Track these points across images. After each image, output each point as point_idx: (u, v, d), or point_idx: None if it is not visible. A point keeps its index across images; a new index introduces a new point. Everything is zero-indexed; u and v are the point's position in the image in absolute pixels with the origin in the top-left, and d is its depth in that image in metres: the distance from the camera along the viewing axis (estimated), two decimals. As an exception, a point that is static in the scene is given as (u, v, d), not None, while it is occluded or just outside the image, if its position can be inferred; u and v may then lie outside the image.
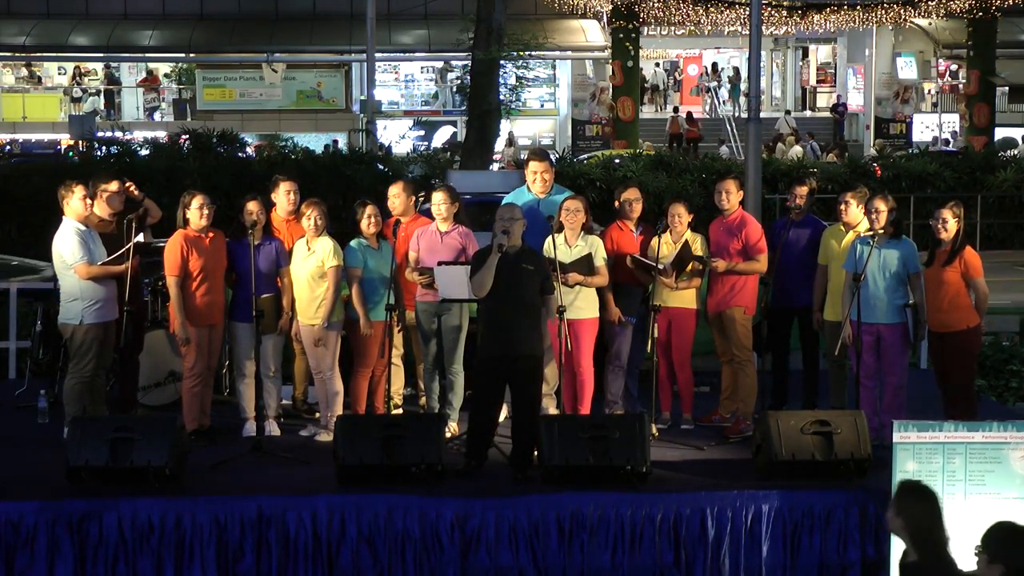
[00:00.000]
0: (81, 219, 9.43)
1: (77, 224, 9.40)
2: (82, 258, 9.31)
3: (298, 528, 8.15)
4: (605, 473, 8.41)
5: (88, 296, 9.34)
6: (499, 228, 8.90)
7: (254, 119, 38.19)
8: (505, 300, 8.81)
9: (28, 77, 41.14)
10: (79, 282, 9.34)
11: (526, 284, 8.88)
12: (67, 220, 9.44)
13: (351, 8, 37.23)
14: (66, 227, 9.42)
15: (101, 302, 9.38)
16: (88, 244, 9.37)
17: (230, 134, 24.02)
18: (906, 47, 41.82)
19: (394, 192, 10.24)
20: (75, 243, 9.33)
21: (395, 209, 10.22)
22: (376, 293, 9.64)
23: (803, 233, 10.27)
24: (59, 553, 8.04)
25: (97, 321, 9.37)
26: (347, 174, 21.74)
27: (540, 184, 10.15)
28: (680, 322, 10.01)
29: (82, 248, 9.33)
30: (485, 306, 8.99)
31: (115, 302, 9.47)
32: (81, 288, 9.35)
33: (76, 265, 9.31)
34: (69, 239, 9.36)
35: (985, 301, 9.50)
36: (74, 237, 9.35)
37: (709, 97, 44.44)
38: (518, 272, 8.85)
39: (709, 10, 35.15)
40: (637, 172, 23.03)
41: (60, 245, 9.40)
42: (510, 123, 35.94)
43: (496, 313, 8.86)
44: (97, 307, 9.37)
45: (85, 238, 9.38)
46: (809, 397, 10.32)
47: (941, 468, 7.70)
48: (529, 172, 10.22)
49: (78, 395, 9.39)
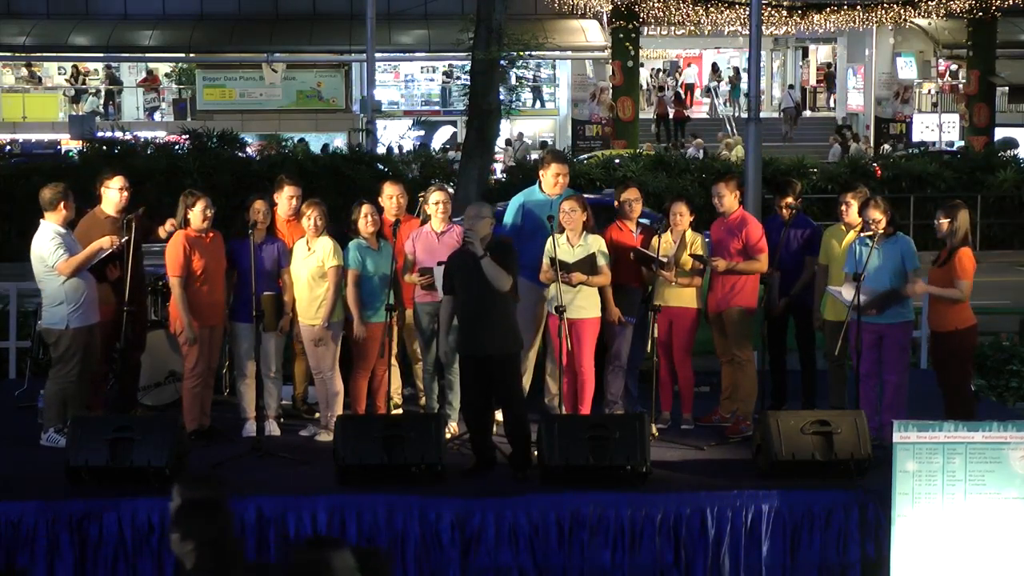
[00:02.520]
0: (62, 223, 9.32)
1: (56, 227, 9.30)
2: (62, 255, 9.21)
3: (298, 528, 8.15)
4: (605, 473, 8.41)
5: (72, 299, 9.25)
6: (465, 226, 8.93)
7: (254, 119, 38.16)
8: (474, 298, 8.82)
9: (28, 77, 41.12)
10: (62, 285, 9.24)
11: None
12: (45, 223, 9.33)
13: (351, 8, 37.22)
14: (44, 230, 9.32)
15: (85, 305, 9.29)
16: (67, 243, 9.27)
17: (230, 134, 24.04)
18: (906, 47, 41.78)
19: (393, 193, 10.18)
20: (55, 242, 9.22)
21: (392, 211, 10.16)
22: (376, 293, 9.63)
23: (797, 233, 10.27)
24: (59, 553, 8.04)
25: (82, 324, 9.30)
26: (347, 174, 21.75)
27: (560, 187, 10.11)
28: (680, 322, 10.01)
29: (62, 246, 9.22)
30: (457, 305, 8.98)
31: (97, 304, 9.39)
32: (65, 291, 9.25)
33: (58, 263, 9.20)
34: (47, 240, 9.25)
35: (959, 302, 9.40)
36: (53, 237, 9.24)
37: (709, 97, 44.45)
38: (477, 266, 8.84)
39: (709, 10, 35.13)
40: (637, 172, 23.03)
41: (39, 247, 9.29)
42: (510, 123, 35.94)
43: (467, 312, 8.87)
44: (81, 311, 9.28)
45: (64, 238, 9.28)
46: (808, 397, 10.32)
47: (941, 468, 7.70)
48: (550, 174, 10.10)
49: (60, 402, 9.30)
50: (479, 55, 16.90)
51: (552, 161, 10.24)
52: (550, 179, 10.09)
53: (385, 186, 10.37)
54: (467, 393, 9.00)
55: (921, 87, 42.11)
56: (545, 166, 10.23)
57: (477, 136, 17.72)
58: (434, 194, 9.91)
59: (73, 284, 9.26)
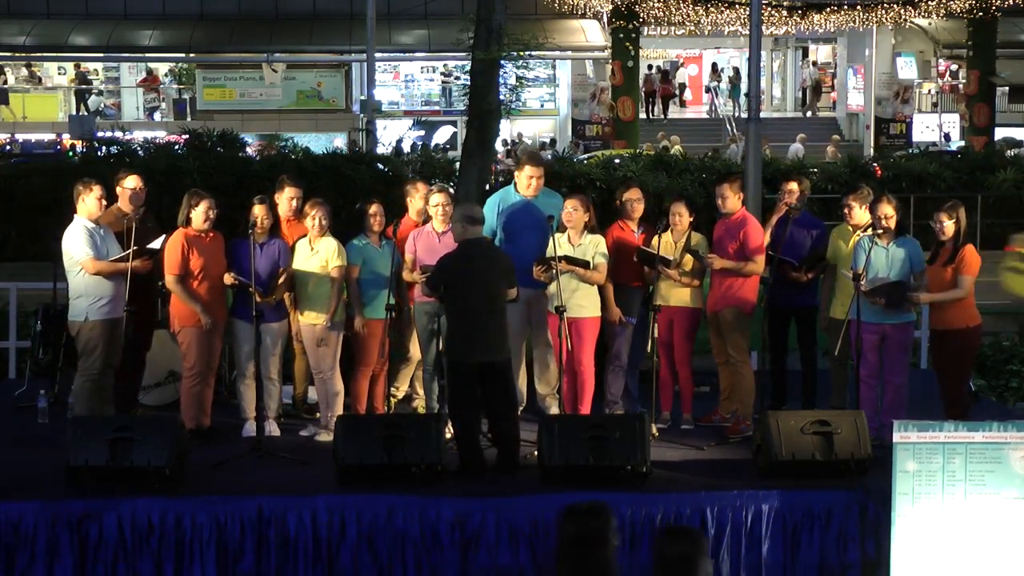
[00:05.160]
0: (93, 218, 9.46)
1: (87, 222, 9.44)
2: (89, 254, 9.32)
3: (298, 528, 8.15)
4: (605, 473, 8.41)
5: (93, 293, 9.37)
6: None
7: (254, 119, 38.13)
8: (470, 303, 8.80)
9: (28, 77, 41.12)
10: (85, 279, 9.38)
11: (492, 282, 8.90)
12: (78, 218, 9.49)
13: (351, 8, 37.19)
14: (76, 225, 9.47)
15: (107, 299, 9.41)
16: (96, 240, 9.42)
17: (230, 134, 24.01)
18: (906, 47, 41.77)
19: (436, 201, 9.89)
20: (83, 239, 9.37)
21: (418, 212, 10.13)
22: (377, 292, 9.63)
23: (803, 232, 10.27)
24: (59, 553, 8.04)
25: (103, 318, 9.40)
26: (347, 174, 21.74)
27: (533, 188, 10.17)
28: (681, 322, 10.01)
29: (90, 244, 9.37)
30: (449, 307, 8.97)
31: (122, 300, 9.48)
32: (87, 285, 9.38)
33: (83, 260, 9.33)
34: (77, 236, 9.40)
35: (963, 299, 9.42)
36: (83, 234, 9.39)
37: (710, 97, 44.47)
38: (482, 269, 8.86)
39: (709, 10, 35.10)
40: (637, 172, 23.01)
41: (68, 242, 9.44)
42: (510, 123, 35.93)
43: (463, 316, 8.83)
44: (102, 304, 9.39)
45: (94, 235, 9.43)
46: (808, 397, 10.31)
47: (941, 468, 7.70)
48: (524, 176, 10.20)
49: (88, 394, 9.41)
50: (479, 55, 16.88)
51: (526, 163, 10.33)
52: (524, 180, 10.19)
53: (418, 190, 10.32)
54: (458, 397, 8.94)
55: (921, 87, 42.11)
56: (520, 168, 10.35)
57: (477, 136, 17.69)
58: (435, 195, 9.91)
59: (95, 279, 9.38)
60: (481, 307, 8.79)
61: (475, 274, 8.82)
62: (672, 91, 41.59)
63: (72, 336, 9.61)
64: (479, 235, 9.06)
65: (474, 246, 8.94)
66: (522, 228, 9.96)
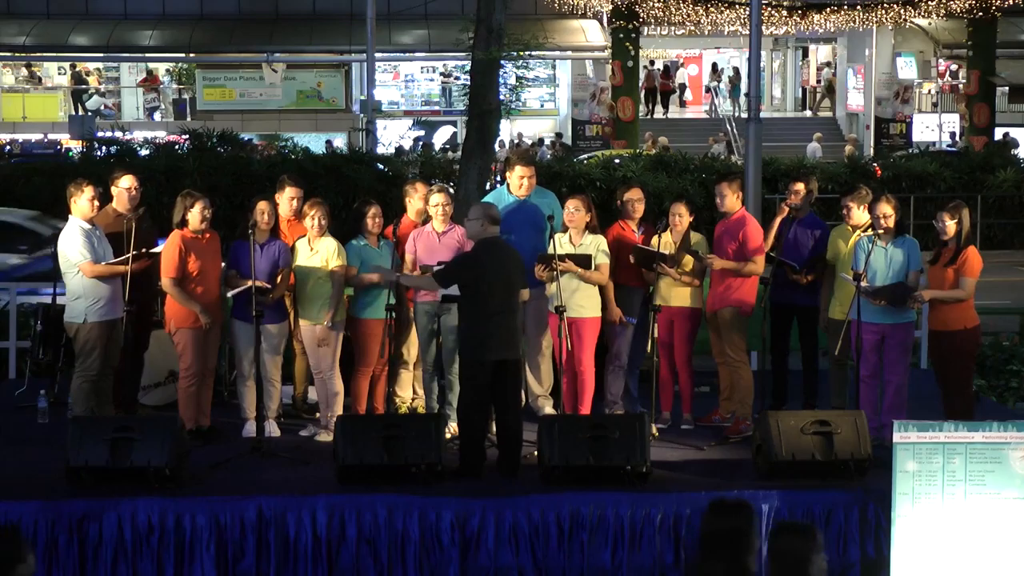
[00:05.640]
0: (87, 219, 9.45)
1: (82, 223, 9.43)
2: (86, 257, 9.32)
3: (298, 528, 8.15)
4: (605, 473, 8.41)
5: (91, 295, 9.37)
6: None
7: (254, 119, 38.16)
8: (489, 300, 8.79)
9: (28, 77, 41.13)
10: (83, 281, 9.37)
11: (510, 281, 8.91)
12: (73, 219, 9.47)
13: (351, 8, 37.21)
14: (72, 226, 9.45)
15: (105, 301, 9.40)
16: (92, 243, 9.40)
17: (230, 134, 24.02)
18: (906, 47, 41.78)
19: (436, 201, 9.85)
20: (80, 242, 9.36)
21: (417, 212, 10.13)
22: (377, 292, 9.63)
23: (806, 232, 10.27)
24: (58, 553, 8.03)
25: (101, 319, 9.39)
26: (347, 174, 21.74)
27: (525, 188, 10.17)
28: (681, 322, 10.01)
29: (87, 247, 9.35)
30: (466, 306, 8.95)
31: (120, 301, 9.48)
32: (84, 287, 9.37)
33: (81, 264, 9.33)
34: (74, 238, 9.38)
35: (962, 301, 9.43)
36: (79, 236, 9.37)
37: (709, 97, 44.47)
38: (502, 268, 8.86)
39: (709, 10, 35.11)
40: (637, 172, 23.02)
41: (65, 244, 9.42)
42: (510, 123, 35.92)
43: (480, 314, 8.81)
44: (100, 306, 9.39)
45: (90, 237, 9.41)
46: (808, 397, 10.31)
47: (941, 468, 7.70)
48: (515, 176, 10.18)
49: (85, 395, 9.40)
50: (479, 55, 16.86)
51: (517, 163, 10.31)
52: (516, 181, 10.17)
53: (422, 191, 10.32)
54: (470, 398, 8.91)
55: (921, 87, 42.13)
56: (511, 168, 10.33)
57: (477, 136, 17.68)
58: (435, 195, 9.91)
59: (92, 280, 9.38)
60: (500, 306, 8.79)
61: (495, 273, 8.81)
62: (672, 87, 41.74)
63: (70, 337, 9.61)
64: (496, 234, 9.05)
65: (493, 245, 8.94)
66: (517, 228, 9.94)
